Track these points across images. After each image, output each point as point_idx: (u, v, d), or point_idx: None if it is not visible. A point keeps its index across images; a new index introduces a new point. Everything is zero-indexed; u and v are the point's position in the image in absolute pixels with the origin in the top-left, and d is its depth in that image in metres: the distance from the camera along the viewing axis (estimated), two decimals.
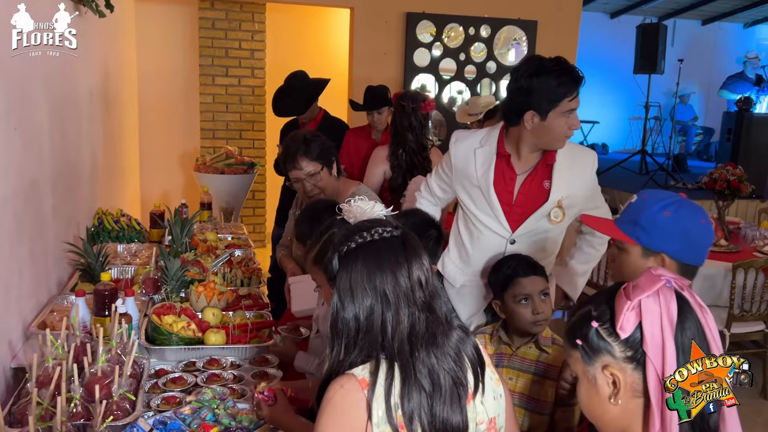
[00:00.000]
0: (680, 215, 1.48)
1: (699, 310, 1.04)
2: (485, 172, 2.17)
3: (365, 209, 1.70)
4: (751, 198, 5.81)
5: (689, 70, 7.62)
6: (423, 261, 1.21)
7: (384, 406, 1.11)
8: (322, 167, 2.61)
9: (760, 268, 3.64)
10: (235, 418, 1.68)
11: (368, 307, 1.15)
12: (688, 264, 1.51)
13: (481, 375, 1.23)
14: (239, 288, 2.71)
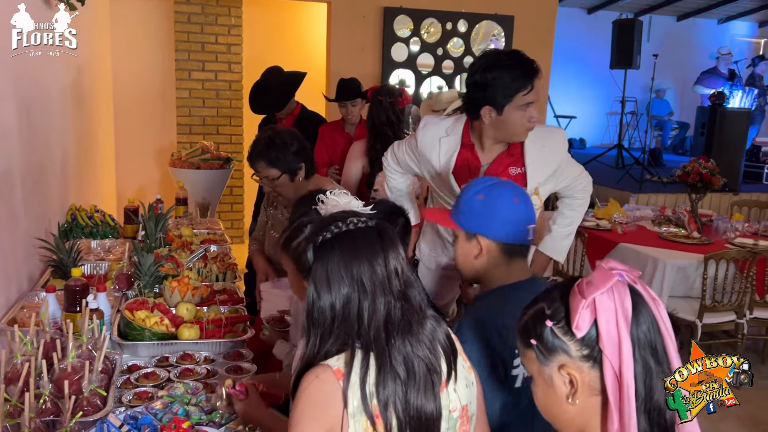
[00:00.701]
0: (491, 196, 1.57)
1: (652, 303, 1.02)
2: (447, 161, 2.21)
3: (340, 202, 1.72)
4: (723, 191, 5.90)
5: (664, 65, 7.72)
6: (399, 250, 1.22)
7: (359, 396, 1.12)
8: (281, 174, 2.51)
9: (732, 259, 3.70)
10: (207, 412, 1.67)
11: (345, 296, 1.16)
12: (508, 243, 1.58)
13: (454, 362, 1.24)
14: (214, 283, 2.70)
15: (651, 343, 0.99)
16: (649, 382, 0.99)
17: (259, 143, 2.55)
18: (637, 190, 6.24)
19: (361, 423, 1.12)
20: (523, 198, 1.61)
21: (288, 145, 2.52)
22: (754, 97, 8.75)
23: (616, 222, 4.54)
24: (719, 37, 10.68)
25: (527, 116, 2.07)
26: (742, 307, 3.81)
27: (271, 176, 2.52)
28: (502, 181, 1.65)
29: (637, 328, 0.99)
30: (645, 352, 0.99)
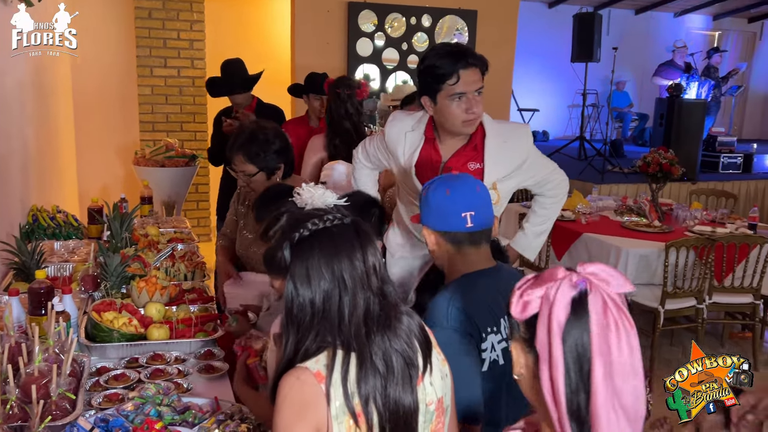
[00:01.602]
0: (431, 190, 1.69)
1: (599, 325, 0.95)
2: (410, 155, 2.23)
3: (315, 194, 1.73)
4: (682, 180, 6.06)
5: (624, 58, 7.88)
6: (376, 246, 1.23)
7: (342, 395, 1.12)
8: (258, 172, 2.46)
9: (691, 246, 3.81)
10: (180, 412, 1.67)
11: (325, 292, 1.16)
12: (448, 231, 1.68)
13: (429, 355, 1.25)
14: (183, 282, 2.67)
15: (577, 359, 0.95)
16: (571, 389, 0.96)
17: (241, 135, 2.49)
18: (599, 181, 6.36)
19: (344, 423, 1.13)
20: (458, 189, 1.66)
21: (270, 143, 2.45)
22: (709, 88, 8.99)
23: (580, 212, 4.63)
24: (676, 30, 10.94)
25: (462, 107, 2.05)
26: (701, 293, 3.93)
27: (248, 172, 2.46)
28: (446, 175, 1.76)
29: (568, 338, 0.95)
30: (577, 367, 0.95)
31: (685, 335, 4.35)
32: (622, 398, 0.94)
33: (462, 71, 2.02)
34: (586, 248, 4.23)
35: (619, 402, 0.93)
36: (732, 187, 6.53)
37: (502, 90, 6.49)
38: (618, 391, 0.93)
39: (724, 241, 3.89)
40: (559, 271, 0.98)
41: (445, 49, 2.06)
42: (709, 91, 8.96)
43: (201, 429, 1.59)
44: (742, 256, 3.96)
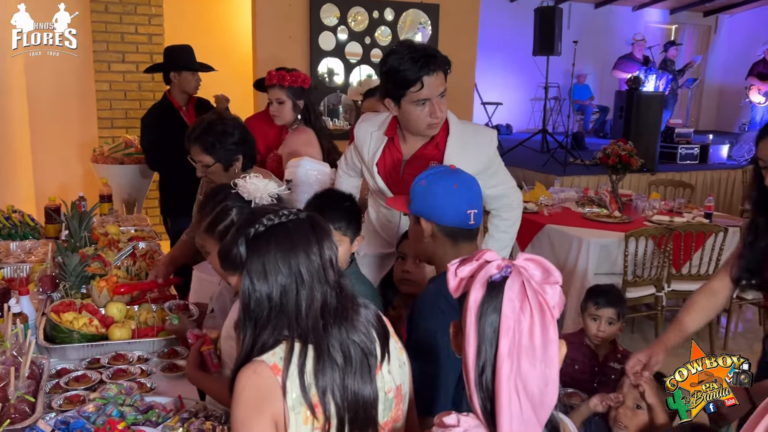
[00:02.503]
0: (433, 182, 1.68)
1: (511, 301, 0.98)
2: (373, 154, 2.25)
3: (258, 185, 1.73)
4: (641, 171, 6.19)
5: (584, 51, 8.01)
6: (332, 241, 1.24)
7: (298, 387, 1.13)
8: (215, 162, 2.41)
9: (650, 236, 3.91)
10: (143, 412, 1.64)
11: (282, 286, 1.16)
12: (447, 225, 1.68)
13: (387, 344, 1.27)
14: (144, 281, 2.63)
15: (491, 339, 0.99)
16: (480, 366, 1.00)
17: (198, 126, 2.44)
18: (562, 173, 6.46)
19: (302, 414, 1.13)
20: (465, 184, 1.67)
21: (228, 134, 2.41)
22: (666, 81, 9.19)
23: (543, 204, 4.69)
24: (634, 23, 11.15)
25: (426, 112, 2.05)
26: (660, 281, 4.03)
27: (205, 163, 2.42)
28: (449, 169, 1.73)
29: (483, 322, 0.99)
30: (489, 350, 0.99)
31: (646, 323, 4.46)
32: (527, 383, 0.96)
33: (425, 78, 1.99)
34: (548, 239, 4.30)
35: (524, 386, 0.96)
36: (689, 178, 6.71)
37: (465, 84, 6.52)
38: (524, 375, 0.96)
39: (681, 230, 4.00)
40: (490, 253, 1.03)
41: (409, 54, 1.99)
42: (667, 84, 9.16)
43: (165, 428, 1.58)
44: (698, 245, 4.08)
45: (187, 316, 2.24)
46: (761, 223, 1.77)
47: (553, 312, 0.98)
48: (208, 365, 1.74)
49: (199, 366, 1.75)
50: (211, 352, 1.74)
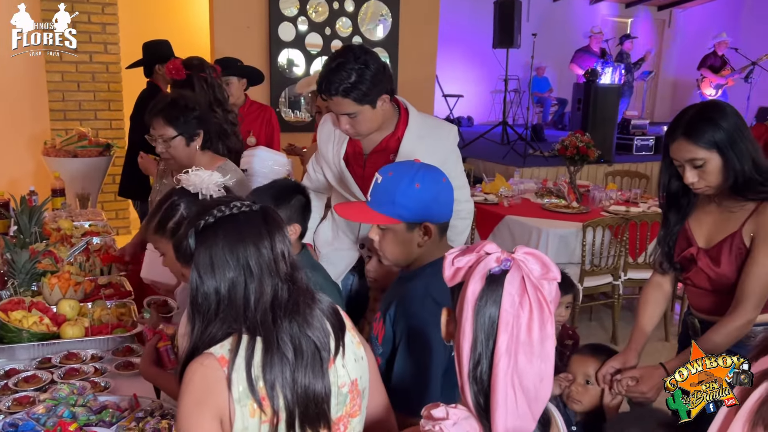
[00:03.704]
0: (428, 182, 1.55)
1: (511, 295, 0.98)
2: (338, 149, 2.25)
3: (203, 177, 1.70)
4: (598, 162, 6.30)
5: (543, 44, 8.08)
6: (285, 234, 1.22)
7: (245, 380, 1.11)
8: (177, 135, 2.39)
9: (607, 226, 3.98)
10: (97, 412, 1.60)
11: (230, 280, 1.15)
12: (444, 222, 1.62)
13: (342, 338, 1.25)
14: (98, 277, 2.57)
15: (488, 333, 0.99)
16: (475, 359, 1.00)
17: (162, 100, 2.46)
18: (521, 165, 6.54)
19: (248, 407, 1.12)
20: (442, 173, 1.62)
21: (191, 109, 2.43)
22: (622, 73, 9.37)
23: (503, 196, 4.74)
24: (591, 16, 11.32)
25: (341, 121, 2.09)
26: (617, 270, 4.11)
27: (167, 136, 2.40)
28: (420, 165, 1.61)
29: (479, 316, 0.99)
30: (482, 335, 0.99)
31: (603, 311, 4.55)
32: (523, 378, 0.96)
33: (324, 95, 2.09)
34: (509, 230, 4.34)
35: (520, 381, 0.96)
36: (645, 168, 6.85)
37: (426, 76, 6.53)
38: (520, 370, 0.96)
39: (637, 220, 4.08)
40: (491, 245, 1.02)
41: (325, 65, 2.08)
42: (622, 76, 9.35)
43: (119, 428, 1.54)
44: (654, 234, 4.16)
45: (165, 311, 2.20)
46: (671, 216, 1.89)
47: (551, 307, 0.98)
48: (164, 362, 1.71)
49: (156, 362, 1.71)
50: (168, 348, 1.71)
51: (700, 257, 1.83)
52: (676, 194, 1.87)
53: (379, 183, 1.58)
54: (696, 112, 1.75)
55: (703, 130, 1.70)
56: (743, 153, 1.70)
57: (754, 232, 1.73)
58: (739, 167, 1.69)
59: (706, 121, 1.70)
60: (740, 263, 1.76)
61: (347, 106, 2.02)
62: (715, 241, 1.81)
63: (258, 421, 1.13)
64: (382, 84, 2.05)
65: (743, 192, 1.73)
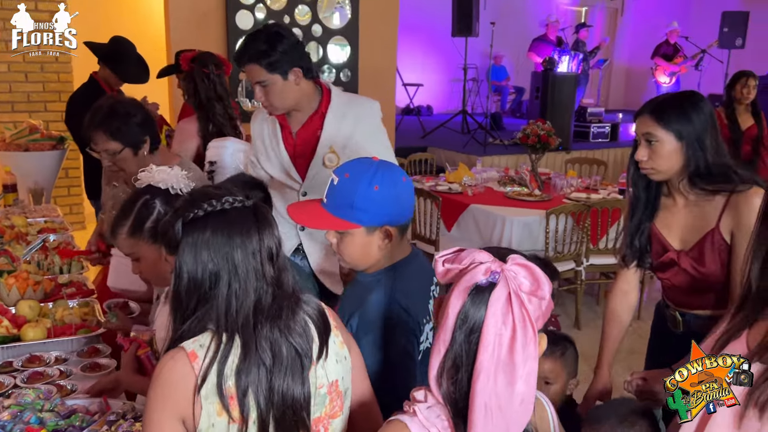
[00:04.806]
0: (386, 184, 1.48)
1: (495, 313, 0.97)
2: (273, 134, 2.29)
3: (169, 173, 1.65)
4: (558, 150, 6.40)
5: (501, 33, 8.13)
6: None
7: (215, 378, 1.09)
8: (123, 148, 2.27)
9: (569, 213, 4.04)
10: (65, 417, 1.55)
11: (214, 276, 1.11)
12: (404, 223, 1.55)
13: (326, 341, 1.22)
14: (58, 276, 2.48)
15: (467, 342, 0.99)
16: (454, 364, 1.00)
17: (98, 112, 2.28)
18: (482, 153, 6.59)
19: (215, 405, 1.09)
20: (404, 173, 1.57)
21: (131, 115, 2.28)
22: (578, 61, 9.52)
23: (466, 185, 4.76)
24: (547, 5, 11.45)
25: (255, 93, 2.16)
26: (579, 256, 4.19)
27: (112, 150, 2.27)
28: (378, 164, 1.52)
29: (463, 321, 0.99)
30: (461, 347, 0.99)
31: (566, 296, 4.63)
32: (501, 400, 0.96)
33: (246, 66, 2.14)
34: (473, 219, 4.38)
35: (498, 402, 0.96)
36: (602, 155, 6.99)
37: (386, 65, 6.49)
38: (498, 392, 0.96)
39: (598, 207, 4.16)
40: (482, 255, 1.00)
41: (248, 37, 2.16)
42: (579, 65, 9.50)
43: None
44: (614, 219, 4.25)
45: (126, 313, 2.13)
46: (640, 195, 1.86)
47: (535, 326, 0.97)
48: (147, 369, 1.66)
49: (138, 371, 1.66)
50: (149, 354, 1.66)
51: (682, 259, 1.81)
52: (642, 186, 1.86)
53: (335, 184, 1.50)
54: (672, 97, 1.77)
55: (670, 113, 1.71)
56: (707, 148, 1.71)
57: (732, 227, 1.71)
58: (702, 159, 1.70)
59: (678, 108, 1.72)
60: (725, 259, 1.74)
61: (257, 73, 2.10)
62: (693, 241, 1.79)
63: (226, 421, 1.10)
64: (294, 57, 2.12)
65: (705, 184, 1.73)
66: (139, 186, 1.69)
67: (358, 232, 1.49)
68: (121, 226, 1.62)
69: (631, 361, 2.18)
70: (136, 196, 1.66)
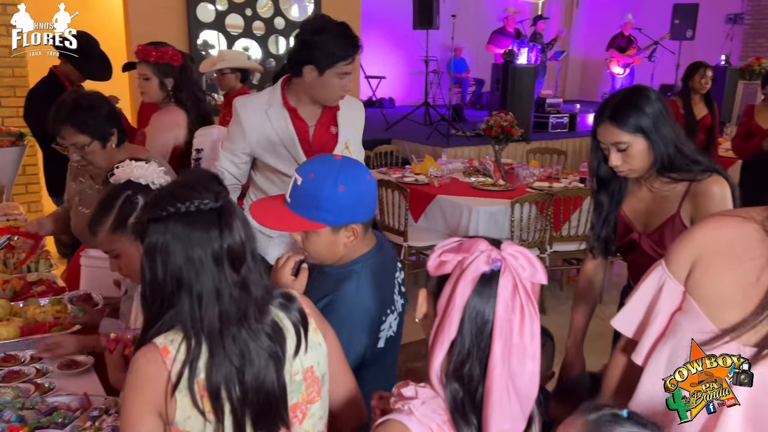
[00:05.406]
0: (351, 184, 1.48)
1: (506, 300, 0.99)
2: (285, 128, 2.26)
3: (146, 167, 1.66)
4: (519, 141, 6.51)
5: (460, 25, 8.21)
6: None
7: (187, 375, 1.09)
8: (92, 141, 2.24)
9: (533, 201, 4.14)
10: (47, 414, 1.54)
11: (176, 282, 1.11)
12: (369, 220, 1.57)
13: (305, 335, 1.23)
14: (27, 274, 2.44)
15: (478, 333, 1.00)
16: (460, 358, 1.01)
17: (64, 106, 2.25)
18: (446, 145, 6.66)
19: (189, 399, 1.10)
20: (368, 172, 1.58)
21: (97, 108, 2.25)
22: (537, 53, 9.68)
23: (432, 176, 4.82)
24: None
25: (343, 84, 2.21)
26: (543, 243, 4.29)
27: (80, 143, 2.24)
28: (342, 162, 1.53)
29: (471, 310, 1.00)
30: (471, 335, 1.01)
31: None
32: (516, 380, 0.99)
33: (354, 55, 2.19)
34: (440, 209, 4.44)
35: (513, 383, 0.99)
36: (561, 145, 7.14)
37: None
38: (513, 372, 0.99)
39: (560, 195, 4.27)
40: (482, 243, 1.02)
41: (341, 30, 2.17)
42: (537, 57, 9.65)
43: (74, 428, 1.49)
44: (575, 207, 4.37)
45: (91, 305, 2.11)
46: (603, 199, 1.95)
47: (536, 306, 1.00)
48: None
49: (125, 370, 1.64)
50: None
51: (643, 241, 1.89)
52: (606, 179, 1.92)
53: (299, 185, 1.50)
54: (622, 97, 1.82)
55: (627, 115, 1.77)
56: (666, 137, 1.78)
57: (692, 214, 1.80)
58: (663, 150, 1.78)
59: (631, 105, 1.78)
60: None
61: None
62: (655, 225, 1.87)
63: (200, 412, 1.11)
64: (302, 55, 2.16)
65: (669, 173, 1.81)
66: (115, 182, 1.68)
67: (324, 232, 1.50)
68: (101, 223, 1.60)
69: (597, 344, 2.26)
70: (117, 192, 1.64)
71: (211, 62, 4.24)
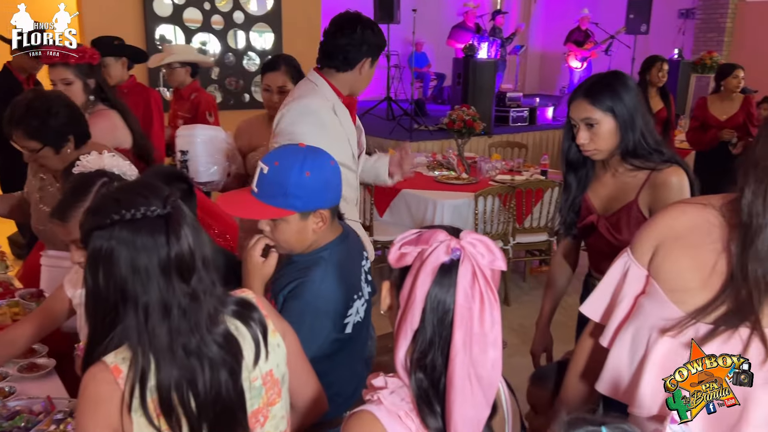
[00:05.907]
0: (317, 169, 1.51)
1: (465, 288, 1.00)
2: (349, 123, 2.32)
3: (116, 157, 1.63)
4: (481, 135, 6.57)
5: (422, 20, 8.24)
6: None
7: (138, 393, 1.06)
8: (43, 147, 2.17)
9: (496, 194, 4.19)
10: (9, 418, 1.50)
11: (120, 294, 1.07)
12: (335, 205, 1.60)
13: (264, 342, 1.21)
14: None
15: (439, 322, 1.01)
16: (422, 348, 1.02)
17: (17, 107, 2.15)
18: (408, 139, 6.68)
19: (144, 418, 1.08)
20: (332, 158, 1.60)
21: (53, 114, 2.15)
22: (497, 47, 9.77)
23: None
24: None
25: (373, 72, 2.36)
26: (507, 235, 4.35)
27: (31, 148, 2.17)
28: (306, 150, 1.54)
29: (432, 300, 1.01)
30: (432, 324, 1.01)
31: None
32: (478, 368, 1.00)
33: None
34: (405, 203, 4.46)
35: (475, 371, 1.00)
36: (522, 138, 7.23)
37: (310, 51, 6.42)
38: (475, 360, 1.00)
39: (522, 188, 4.33)
40: (441, 234, 1.03)
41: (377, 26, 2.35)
42: (497, 51, 9.75)
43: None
44: (537, 199, 4.44)
45: (42, 299, 2.06)
46: (571, 180, 2.01)
47: (496, 293, 1.01)
48: None
49: None
50: None
51: (600, 223, 1.95)
52: (575, 161, 1.98)
53: (265, 173, 1.51)
54: (601, 78, 1.88)
55: (602, 93, 1.82)
56: (635, 124, 1.83)
57: (650, 203, 1.85)
58: (630, 135, 1.83)
59: (608, 87, 1.83)
60: None
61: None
62: (613, 209, 1.93)
63: (156, 430, 1.08)
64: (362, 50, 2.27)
65: (632, 160, 1.86)
66: (81, 170, 1.63)
67: (293, 219, 1.52)
68: (75, 208, 1.53)
69: (560, 332, 2.31)
70: (91, 178, 1.59)
71: (160, 57, 4.16)
